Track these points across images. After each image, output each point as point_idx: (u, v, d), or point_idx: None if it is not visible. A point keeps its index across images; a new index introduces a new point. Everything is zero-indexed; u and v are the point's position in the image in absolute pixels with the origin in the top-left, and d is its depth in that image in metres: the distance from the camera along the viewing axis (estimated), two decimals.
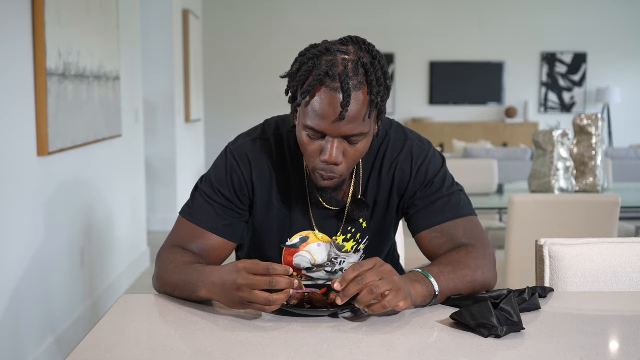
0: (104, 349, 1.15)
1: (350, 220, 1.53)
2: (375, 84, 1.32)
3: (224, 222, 1.49)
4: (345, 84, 1.29)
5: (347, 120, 1.31)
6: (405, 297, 1.25)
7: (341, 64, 1.31)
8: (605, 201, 2.94)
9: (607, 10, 9.03)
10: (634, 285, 1.53)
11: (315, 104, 1.32)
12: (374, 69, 1.33)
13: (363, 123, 1.33)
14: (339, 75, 1.30)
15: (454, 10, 8.98)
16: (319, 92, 1.31)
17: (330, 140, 1.34)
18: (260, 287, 1.22)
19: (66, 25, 3.06)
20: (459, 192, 1.53)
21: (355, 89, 1.30)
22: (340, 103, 1.30)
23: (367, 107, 1.33)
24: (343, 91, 1.29)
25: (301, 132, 1.38)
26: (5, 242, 2.56)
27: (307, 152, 1.39)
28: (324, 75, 1.30)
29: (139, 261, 4.59)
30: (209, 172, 1.53)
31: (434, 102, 9.18)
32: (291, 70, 1.38)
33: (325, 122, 1.32)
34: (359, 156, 1.39)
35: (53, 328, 3.01)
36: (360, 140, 1.36)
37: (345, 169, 1.39)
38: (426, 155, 1.52)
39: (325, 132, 1.33)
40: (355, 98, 1.30)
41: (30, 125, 2.77)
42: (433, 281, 1.33)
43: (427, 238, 1.50)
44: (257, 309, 1.25)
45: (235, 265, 1.26)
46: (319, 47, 1.35)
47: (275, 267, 1.23)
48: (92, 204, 3.58)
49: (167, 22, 5.79)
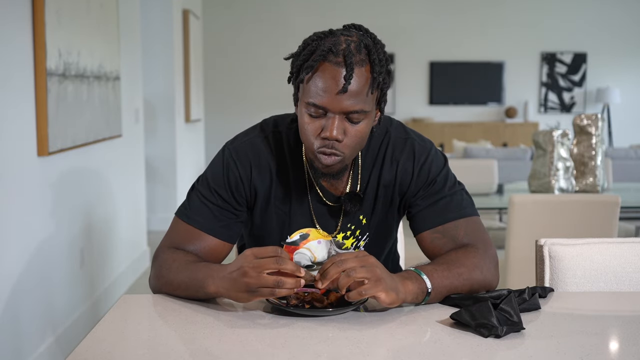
0: (104, 349, 1.15)
1: (348, 216, 1.54)
2: (377, 63, 1.35)
3: (221, 223, 1.48)
4: (348, 58, 1.32)
5: (349, 95, 1.33)
6: (387, 290, 1.25)
7: (344, 42, 1.35)
8: (605, 201, 2.94)
9: (607, 10, 9.03)
10: (634, 285, 1.53)
11: (318, 79, 1.34)
12: (376, 49, 1.37)
13: (365, 100, 1.35)
14: (343, 51, 1.33)
15: (454, 10, 8.98)
16: (322, 67, 1.34)
17: (331, 117, 1.36)
18: (267, 268, 1.23)
19: (66, 25, 3.06)
20: (461, 192, 1.53)
21: (358, 65, 1.33)
22: (343, 76, 1.32)
23: (369, 85, 1.35)
24: (346, 65, 1.32)
25: (302, 112, 1.39)
26: (5, 242, 2.56)
27: (307, 132, 1.40)
28: (327, 51, 1.33)
29: (139, 261, 4.59)
30: (206, 172, 1.53)
31: (434, 102, 9.18)
32: (295, 52, 1.41)
33: (328, 96, 1.33)
34: (359, 138, 1.39)
35: (53, 328, 3.01)
36: (361, 120, 1.37)
37: (347, 148, 1.39)
38: (428, 154, 1.52)
39: (327, 107, 1.35)
40: (358, 73, 1.33)
41: (30, 125, 2.77)
42: (425, 278, 1.33)
43: (429, 238, 1.49)
44: (265, 294, 1.24)
45: (244, 252, 1.28)
46: (322, 32, 1.39)
47: (281, 249, 1.27)
48: (92, 204, 3.58)
49: (167, 22, 5.79)
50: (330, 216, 1.54)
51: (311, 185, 1.52)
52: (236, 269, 1.26)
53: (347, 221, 1.54)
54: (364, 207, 1.54)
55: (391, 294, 1.26)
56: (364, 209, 1.54)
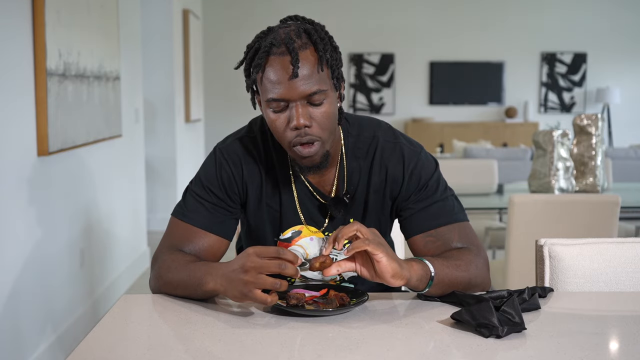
0: (104, 348, 1.15)
1: (337, 218, 1.54)
2: (319, 42, 1.38)
3: (216, 219, 1.50)
4: (290, 45, 1.35)
5: (302, 79, 1.35)
6: (390, 259, 1.27)
7: (283, 33, 1.38)
8: (605, 201, 2.94)
9: (607, 10, 9.03)
10: (634, 285, 1.53)
11: (269, 73, 1.37)
12: (315, 31, 1.40)
13: (318, 80, 1.37)
14: (283, 40, 1.36)
15: (454, 11, 8.99)
16: (269, 61, 1.37)
17: (293, 106, 1.38)
18: (269, 270, 1.23)
19: (66, 25, 3.06)
20: (452, 197, 1.54)
21: (301, 49, 1.36)
22: (290, 62, 1.35)
23: (318, 64, 1.37)
24: (289, 51, 1.35)
25: (267, 112, 1.41)
26: (5, 242, 2.56)
27: (277, 129, 1.41)
28: (270, 45, 1.37)
29: (139, 261, 4.59)
30: (199, 173, 1.55)
31: (434, 102, 9.18)
32: (241, 59, 1.44)
33: (283, 86, 1.36)
34: (327, 118, 1.40)
35: (53, 328, 3.01)
36: (322, 100, 1.39)
37: (318, 130, 1.40)
38: (418, 158, 1.53)
39: (285, 97, 1.36)
40: (303, 56, 1.36)
41: (30, 125, 2.77)
42: (428, 263, 1.35)
43: (422, 242, 1.50)
44: (259, 298, 1.24)
45: (246, 250, 1.28)
46: (262, 32, 1.43)
47: (285, 251, 1.26)
48: (92, 204, 3.58)
49: (167, 22, 5.79)
50: (318, 215, 1.55)
51: (298, 181, 1.53)
52: (237, 267, 1.27)
53: (337, 223, 1.54)
54: (354, 212, 1.54)
55: (393, 263, 1.27)
56: (354, 213, 1.55)
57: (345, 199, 1.51)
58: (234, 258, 1.33)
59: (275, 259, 1.25)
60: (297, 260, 1.26)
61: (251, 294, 1.24)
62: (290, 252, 1.27)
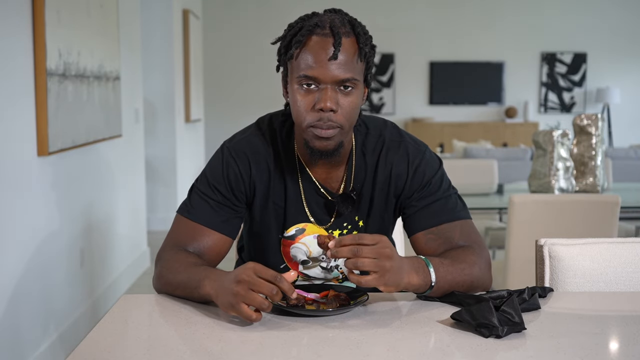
0: (104, 349, 1.15)
1: (343, 216, 1.55)
2: (362, 35, 1.41)
3: (221, 217, 1.50)
4: (335, 29, 1.38)
5: (339, 63, 1.37)
6: (387, 284, 1.26)
7: (328, 18, 1.41)
8: (605, 201, 2.94)
9: (607, 10, 9.03)
10: (634, 285, 1.53)
11: (308, 52, 1.39)
12: (359, 24, 1.44)
13: (354, 69, 1.39)
14: (329, 24, 1.39)
15: (454, 10, 8.98)
16: (311, 40, 1.39)
17: (324, 89, 1.38)
18: (259, 290, 1.22)
19: (66, 25, 3.06)
20: (455, 195, 1.55)
21: (344, 35, 1.39)
22: (332, 43, 1.37)
23: (357, 54, 1.40)
24: (334, 34, 1.38)
25: (294, 90, 1.42)
26: (5, 242, 2.56)
27: (300, 109, 1.41)
28: (314, 26, 1.39)
29: (139, 261, 4.59)
30: (205, 170, 1.55)
31: (434, 102, 9.18)
32: (281, 36, 1.46)
33: (319, 66, 1.37)
34: (352, 109, 1.41)
35: (53, 328, 3.01)
36: (352, 89, 1.40)
37: (342, 118, 1.41)
38: (422, 156, 1.54)
39: (318, 77, 1.38)
40: (345, 43, 1.39)
41: (30, 125, 2.77)
42: (432, 271, 1.34)
43: (423, 239, 1.51)
44: (244, 313, 1.22)
45: (247, 264, 1.27)
46: (305, 14, 1.45)
47: (283, 280, 1.23)
48: (92, 204, 3.58)
49: (167, 22, 5.79)
50: (324, 212, 1.55)
51: (305, 178, 1.53)
52: (232, 277, 1.25)
53: (342, 220, 1.55)
54: (360, 210, 1.55)
55: (391, 288, 1.28)
56: (360, 211, 1.55)
57: (353, 196, 1.52)
58: (235, 269, 1.32)
59: (271, 283, 1.22)
60: (292, 293, 1.24)
61: (237, 306, 1.22)
62: (287, 282, 1.23)
